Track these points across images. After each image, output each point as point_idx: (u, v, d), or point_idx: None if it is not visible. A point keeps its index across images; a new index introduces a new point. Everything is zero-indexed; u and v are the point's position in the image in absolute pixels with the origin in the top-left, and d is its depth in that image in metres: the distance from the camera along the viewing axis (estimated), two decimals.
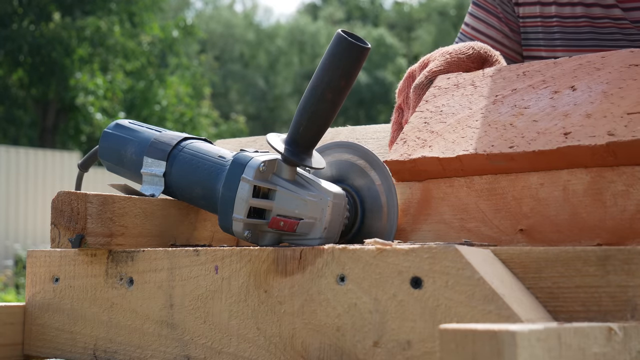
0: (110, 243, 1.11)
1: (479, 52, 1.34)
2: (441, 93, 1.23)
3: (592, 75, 1.09)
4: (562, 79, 1.11)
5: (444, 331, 0.64)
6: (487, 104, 1.13)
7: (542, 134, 1.02)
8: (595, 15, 1.55)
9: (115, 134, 1.22)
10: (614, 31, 1.55)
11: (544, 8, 1.61)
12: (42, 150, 15.40)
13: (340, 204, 1.05)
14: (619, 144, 0.95)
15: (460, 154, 1.06)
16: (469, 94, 1.18)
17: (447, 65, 1.32)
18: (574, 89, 1.07)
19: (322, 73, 1.01)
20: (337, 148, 1.16)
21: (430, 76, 1.31)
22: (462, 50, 1.34)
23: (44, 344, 1.18)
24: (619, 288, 0.78)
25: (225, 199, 1.04)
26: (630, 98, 1.01)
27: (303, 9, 40.64)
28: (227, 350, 0.97)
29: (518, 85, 1.14)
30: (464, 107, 1.16)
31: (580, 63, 1.12)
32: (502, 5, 1.66)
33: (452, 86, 1.22)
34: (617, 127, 0.97)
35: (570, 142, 0.98)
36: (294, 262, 0.92)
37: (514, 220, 1.01)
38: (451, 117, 1.15)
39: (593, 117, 1.00)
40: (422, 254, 0.82)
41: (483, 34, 1.66)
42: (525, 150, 1.01)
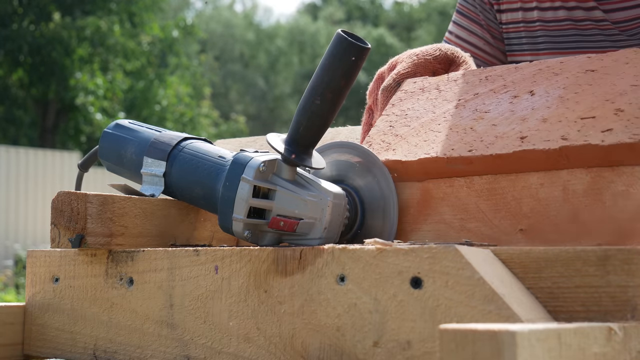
0: (110, 243, 1.11)
1: (446, 54, 1.37)
2: (407, 97, 1.25)
3: (551, 80, 1.11)
4: (522, 84, 1.14)
5: (444, 331, 0.64)
6: (450, 108, 1.16)
7: (500, 138, 1.04)
8: (577, 18, 1.57)
9: (115, 134, 1.22)
10: (595, 33, 1.57)
11: (527, 13, 1.63)
12: (42, 150, 15.40)
13: (340, 204, 1.05)
14: (571, 148, 0.98)
15: (422, 157, 1.09)
16: (434, 98, 1.21)
17: (414, 67, 1.34)
18: (533, 94, 1.10)
19: (322, 73, 1.01)
20: (337, 148, 1.16)
21: (398, 78, 1.34)
22: (429, 52, 1.36)
23: (44, 344, 1.18)
24: (619, 288, 0.78)
25: (225, 199, 1.04)
26: (584, 103, 1.03)
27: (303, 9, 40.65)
28: (227, 350, 0.97)
29: (480, 90, 1.16)
30: (428, 111, 1.19)
31: (539, 68, 1.15)
32: (484, 12, 1.68)
33: (418, 90, 1.25)
34: (571, 132, 1.00)
35: (525, 146, 1.01)
36: (294, 262, 0.93)
37: (514, 220, 1.02)
38: (415, 120, 1.18)
39: (549, 121, 1.03)
40: (422, 254, 0.82)
41: (465, 41, 1.69)
42: (483, 154, 1.04)
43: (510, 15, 1.65)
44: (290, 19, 39.66)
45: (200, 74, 24.07)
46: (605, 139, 0.95)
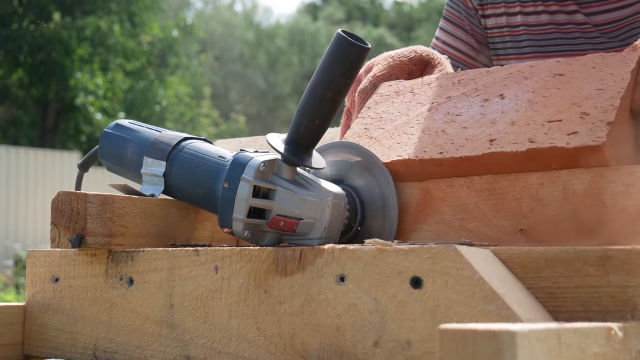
0: (110, 243, 1.11)
1: (421, 55, 1.39)
2: (382, 100, 1.28)
3: (520, 84, 1.14)
4: (493, 87, 1.17)
5: (444, 331, 0.64)
6: (423, 111, 1.19)
7: (470, 140, 1.07)
8: (560, 21, 1.60)
9: (115, 134, 1.22)
10: (577, 35, 1.60)
11: (510, 18, 1.65)
12: (42, 150, 15.40)
13: (340, 204, 1.05)
14: (537, 151, 1.01)
15: (394, 159, 1.11)
16: (408, 101, 1.24)
17: (389, 68, 1.37)
18: (503, 97, 1.13)
19: (322, 73, 1.01)
20: (337, 148, 1.16)
21: (374, 80, 1.36)
22: (405, 54, 1.40)
23: (44, 344, 1.18)
24: (619, 288, 0.78)
25: (225, 199, 1.04)
26: (552, 106, 1.06)
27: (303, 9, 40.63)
28: (227, 350, 0.97)
29: (453, 93, 1.19)
30: (402, 113, 1.22)
31: (510, 72, 1.18)
32: (469, 18, 1.71)
33: (393, 93, 1.28)
34: (538, 135, 1.03)
35: (494, 149, 1.04)
36: (294, 262, 0.93)
37: (514, 220, 1.02)
38: (389, 123, 1.21)
39: (517, 124, 1.06)
40: (422, 254, 0.82)
41: (450, 47, 1.72)
42: (453, 156, 1.06)
43: (495, 20, 1.68)
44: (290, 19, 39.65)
45: (200, 74, 24.06)
46: (570, 142, 0.98)
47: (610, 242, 0.93)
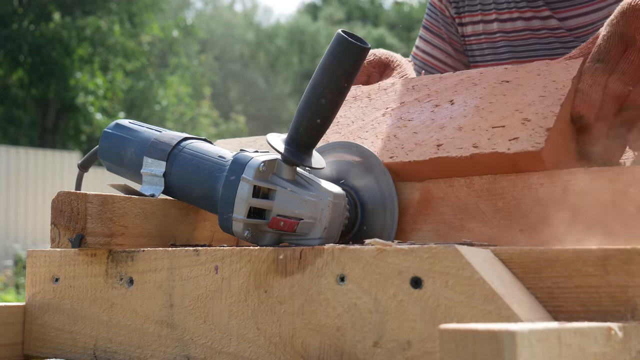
0: (110, 243, 1.11)
1: (380, 58, 1.44)
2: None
3: (470, 90, 1.18)
4: (444, 93, 1.20)
5: (444, 331, 0.64)
6: (378, 115, 1.23)
7: (419, 145, 1.11)
8: (535, 27, 1.63)
9: (115, 134, 1.22)
10: (552, 40, 1.63)
11: (487, 25, 1.68)
12: (42, 150, 15.40)
13: (340, 204, 1.05)
14: (480, 156, 1.05)
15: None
16: (364, 106, 1.28)
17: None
18: (453, 103, 1.17)
19: (322, 73, 1.01)
20: (337, 148, 1.16)
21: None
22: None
23: (44, 344, 1.18)
24: (619, 288, 0.78)
25: (225, 199, 1.04)
26: (497, 112, 1.10)
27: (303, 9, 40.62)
28: (227, 350, 0.97)
29: (406, 99, 1.23)
30: (358, 118, 1.26)
31: (461, 78, 1.22)
32: (446, 26, 1.75)
33: (351, 98, 1.32)
34: (482, 140, 1.06)
35: (440, 154, 1.08)
36: (294, 262, 0.92)
37: (514, 220, 1.02)
38: (346, 127, 1.26)
39: (464, 130, 1.10)
40: (422, 254, 0.82)
41: (429, 55, 1.77)
42: (402, 160, 1.11)
43: (472, 28, 1.71)
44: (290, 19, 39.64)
45: (200, 74, 24.07)
46: (511, 147, 1.02)
47: (610, 242, 0.93)
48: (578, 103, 1.08)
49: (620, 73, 1.08)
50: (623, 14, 1.09)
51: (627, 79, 1.08)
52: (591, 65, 1.10)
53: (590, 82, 1.08)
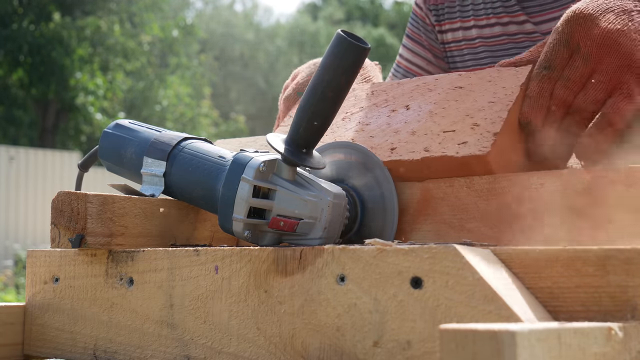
0: (110, 243, 1.11)
1: None
2: None
3: (425, 95, 1.22)
4: (401, 99, 1.24)
5: (444, 331, 0.64)
6: (339, 120, 1.28)
7: (374, 148, 1.15)
8: (511, 32, 1.65)
9: (115, 134, 1.22)
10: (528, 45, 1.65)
11: (466, 32, 1.72)
12: (42, 150, 15.40)
13: (340, 204, 1.05)
14: (431, 159, 1.09)
15: None
16: None
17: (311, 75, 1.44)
18: (408, 108, 1.21)
19: (322, 73, 1.01)
20: (337, 148, 1.16)
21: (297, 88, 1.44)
22: None
23: (44, 344, 1.18)
24: (619, 288, 0.78)
25: (225, 199, 1.04)
26: (449, 117, 1.14)
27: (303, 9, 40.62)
28: (227, 350, 0.97)
29: (365, 104, 1.28)
30: None
31: (417, 84, 1.26)
32: (427, 34, 1.79)
33: None
34: (433, 144, 1.11)
35: (394, 157, 1.12)
36: (294, 262, 0.93)
37: (514, 220, 1.02)
38: None
39: (417, 134, 1.14)
40: (422, 254, 0.82)
41: (410, 62, 1.82)
42: None
43: (452, 35, 1.74)
44: (290, 19, 39.64)
45: (200, 74, 24.07)
46: (459, 151, 1.07)
47: (610, 242, 0.93)
48: (526, 109, 1.12)
49: (565, 79, 1.12)
50: (568, 22, 1.13)
51: (572, 85, 1.11)
52: (538, 72, 1.13)
53: (537, 89, 1.12)
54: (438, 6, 1.78)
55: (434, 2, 1.78)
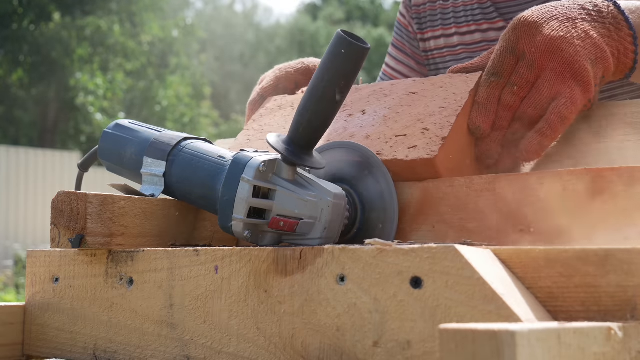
0: (110, 243, 1.11)
1: (308, 66, 1.52)
2: (267, 113, 1.41)
3: (380, 100, 1.26)
4: (358, 104, 1.29)
5: (444, 331, 0.64)
6: None
7: None
8: (491, 38, 1.68)
9: (115, 134, 1.22)
10: None
11: (448, 39, 1.75)
12: (42, 150, 15.40)
13: (340, 204, 1.05)
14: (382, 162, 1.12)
15: None
16: (287, 115, 1.36)
17: (276, 80, 1.50)
18: (364, 113, 1.25)
19: (322, 73, 1.01)
20: (337, 148, 1.16)
21: (262, 92, 1.50)
22: (292, 65, 1.53)
23: (44, 344, 1.18)
24: (619, 288, 0.78)
25: (225, 199, 1.04)
26: (401, 122, 1.18)
27: (303, 9, 40.61)
28: (227, 350, 0.97)
29: None
30: (280, 126, 1.34)
31: (374, 89, 1.30)
32: (410, 42, 1.84)
33: (276, 107, 1.41)
34: (385, 148, 1.15)
35: None
36: (294, 262, 0.93)
37: (514, 220, 1.02)
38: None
39: (370, 138, 1.18)
40: (422, 254, 0.82)
41: (394, 70, 1.86)
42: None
43: (434, 43, 1.77)
44: (290, 19, 39.63)
45: (200, 74, 24.07)
46: (409, 155, 1.11)
47: (610, 242, 0.93)
48: (475, 115, 1.16)
49: (512, 86, 1.16)
50: (514, 29, 1.17)
51: (518, 91, 1.16)
52: (487, 78, 1.17)
53: (485, 95, 1.16)
54: (420, 14, 1.82)
55: (416, 11, 1.82)
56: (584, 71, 1.13)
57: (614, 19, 1.18)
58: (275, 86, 1.50)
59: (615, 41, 1.17)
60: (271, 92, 1.51)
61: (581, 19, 1.17)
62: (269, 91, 1.50)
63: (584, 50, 1.14)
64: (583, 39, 1.15)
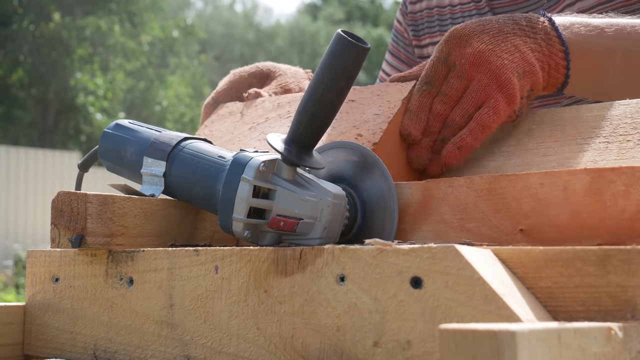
0: (110, 243, 1.11)
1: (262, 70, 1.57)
2: (218, 119, 1.46)
3: None
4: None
5: (444, 331, 0.64)
6: (245, 129, 1.37)
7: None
8: None
9: (115, 134, 1.22)
10: None
11: None
12: (42, 150, 15.41)
13: (340, 204, 1.05)
14: None
15: None
16: (236, 121, 1.41)
17: (230, 84, 1.55)
18: None
19: (322, 73, 1.01)
20: (337, 148, 1.16)
21: (215, 96, 1.54)
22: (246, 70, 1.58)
23: (44, 344, 1.18)
24: (619, 288, 0.78)
25: (225, 199, 1.04)
26: (339, 128, 1.24)
27: (303, 9, 40.62)
28: (227, 350, 0.97)
29: (271, 115, 1.37)
30: (228, 132, 1.39)
31: None
32: (405, 47, 1.89)
33: (227, 113, 1.46)
34: None
35: None
36: (294, 262, 0.93)
37: (514, 220, 1.02)
38: (217, 140, 1.38)
39: None
40: (422, 254, 0.82)
41: (388, 75, 1.91)
42: None
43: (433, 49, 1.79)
44: (290, 19, 39.64)
45: (200, 74, 24.07)
46: None
47: (611, 242, 0.93)
48: (406, 122, 1.22)
49: (443, 95, 1.21)
50: (446, 42, 1.22)
51: (449, 100, 1.21)
52: (419, 87, 1.23)
53: (417, 103, 1.22)
54: (417, 21, 1.84)
55: (411, 18, 1.85)
56: (509, 83, 1.18)
57: (546, 35, 1.22)
58: (228, 89, 1.54)
59: (545, 56, 1.22)
60: (224, 95, 1.55)
61: (513, 33, 1.21)
62: (222, 95, 1.55)
63: (511, 64, 1.19)
64: (512, 53, 1.19)
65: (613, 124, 1.15)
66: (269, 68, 1.57)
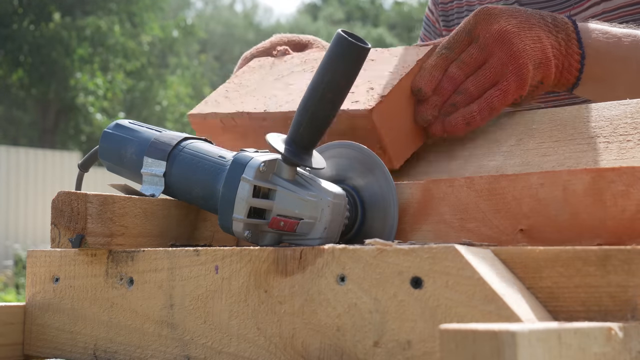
0: (110, 243, 1.11)
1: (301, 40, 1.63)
2: (249, 70, 1.53)
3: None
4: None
5: (444, 331, 0.64)
6: (270, 80, 1.44)
7: (288, 103, 1.31)
8: None
9: (115, 134, 1.22)
10: None
11: None
12: (42, 150, 15.41)
13: (340, 204, 1.05)
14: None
15: (230, 111, 1.36)
16: (265, 73, 1.48)
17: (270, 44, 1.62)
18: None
19: (322, 73, 1.01)
20: (337, 148, 1.16)
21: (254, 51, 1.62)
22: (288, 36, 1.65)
23: (44, 344, 1.18)
24: (619, 288, 0.78)
25: (225, 199, 1.04)
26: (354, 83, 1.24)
27: (303, 9, 40.61)
28: (227, 350, 0.97)
29: (296, 69, 1.44)
30: (256, 82, 1.46)
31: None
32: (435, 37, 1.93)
33: (258, 66, 1.53)
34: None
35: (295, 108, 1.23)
36: (294, 262, 0.93)
37: (514, 220, 1.02)
38: (244, 88, 1.45)
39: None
40: (422, 254, 0.82)
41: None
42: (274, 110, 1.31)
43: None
44: (290, 19, 39.62)
45: (200, 74, 24.07)
46: (350, 107, 1.21)
47: (611, 242, 0.93)
48: (418, 78, 1.25)
49: (460, 62, 1.24)
50: (475, 15, 1.26)
51: (465, 67, 1.24)
52: (439, 50, 1.26)
53: (433, 63, 1.25)
54: (448, 12, 1.86)
55: (442, 8, 1.87)
56: (524, 68, 1.21)
57: (567, 36, 1.26)
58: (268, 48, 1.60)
59: (562, 55, 1.25)
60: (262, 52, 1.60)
61: (538, 25, 1.25)
62: (260, 52, 1.60)
63: (532, 51, 1.22)
64: (534, 41, 1.23)
65: (613, 124, 1.15)
66: (308, 39, 1.63)
